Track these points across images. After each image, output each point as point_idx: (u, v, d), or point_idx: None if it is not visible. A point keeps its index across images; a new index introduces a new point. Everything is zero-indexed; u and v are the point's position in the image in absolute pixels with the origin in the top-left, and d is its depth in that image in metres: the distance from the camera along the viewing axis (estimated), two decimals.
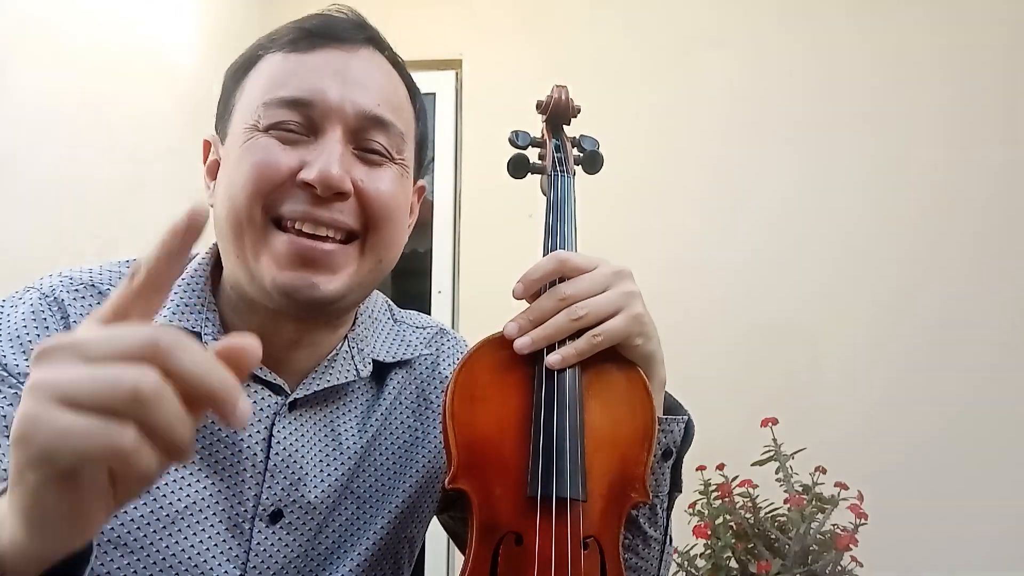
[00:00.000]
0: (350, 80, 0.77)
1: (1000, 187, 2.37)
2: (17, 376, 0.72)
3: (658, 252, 2.35)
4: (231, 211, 0.75)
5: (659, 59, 2.55)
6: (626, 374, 0.78)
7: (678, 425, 0.83)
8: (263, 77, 0.78)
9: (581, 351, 0.76)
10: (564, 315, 0.76)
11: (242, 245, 0.75)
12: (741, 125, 2.49)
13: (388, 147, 0.78)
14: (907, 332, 2.33)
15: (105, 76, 1.90)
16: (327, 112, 0.75)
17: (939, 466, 2.22)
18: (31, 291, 0.78)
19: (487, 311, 2.46)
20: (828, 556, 1.63)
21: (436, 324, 0.99)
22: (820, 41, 2.50)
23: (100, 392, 0.38)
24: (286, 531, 0.79)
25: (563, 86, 0.97)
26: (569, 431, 0.73)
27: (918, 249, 2.38)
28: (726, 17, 2.55)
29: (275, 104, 0.75)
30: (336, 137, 0.75)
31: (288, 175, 0.74)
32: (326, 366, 0.83)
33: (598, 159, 0.95)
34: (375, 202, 0.77)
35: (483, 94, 2.59)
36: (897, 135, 2.43)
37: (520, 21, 2.64)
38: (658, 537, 0.85)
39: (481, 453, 0.74)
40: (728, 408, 2.15)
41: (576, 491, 0.72)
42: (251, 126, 0.75)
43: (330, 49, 0.78)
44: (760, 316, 2.37)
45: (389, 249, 0.80)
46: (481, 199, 2.54)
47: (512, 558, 0.71)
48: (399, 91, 0.82)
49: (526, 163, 0.93)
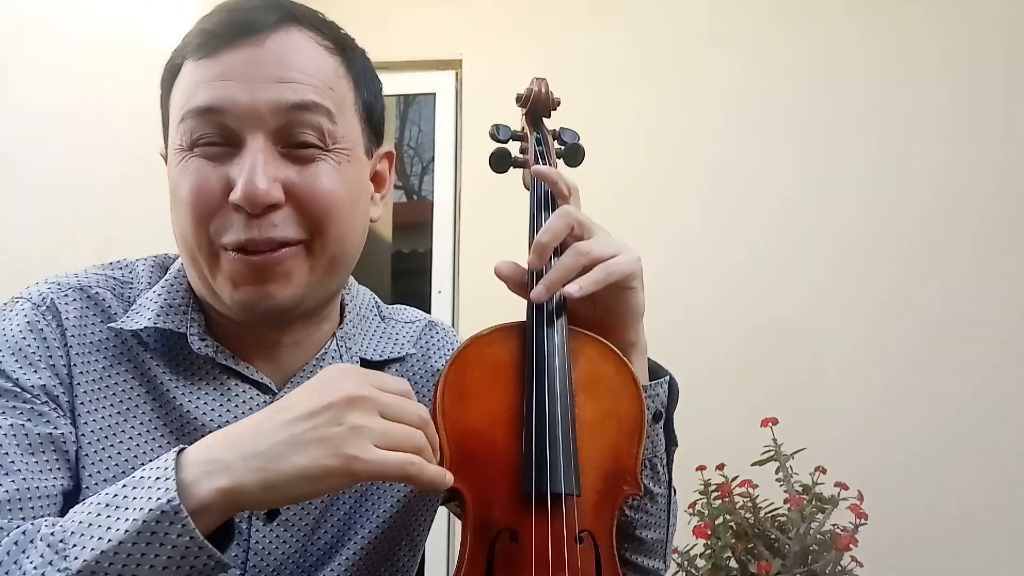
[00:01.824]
0: (260, 76, 0.72)
1: (1000, 186, 2.37)
2: (30, 390, 0.71)
3: (658, 251, 2.35)
4: (182, 238, 0.75)
5: (659, 59, 2.55)
6: (613, 366, 0.79)
7: (662, 387, 0.85)
8: (180, 90, 0.75)
9: (597, 280, 0.77)
10: (570, 252, 0.78)
11: (199, 267, 0.75)
12: (741, 124, 2.49)
13: (319, 136, 0.74)
14: (907, 332, 2.33)
15: (105, 76, 1.90)
16: (241, 118, 0.72)
17: (939, 466, 2.22)
18: (20, 301, 0.77)
19: (487, 311, 2.45)
20: (828, 556, 1.63)
21: (424, 317, 0.98)
22: (820, 40, 2.50)
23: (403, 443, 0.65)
24: (283, 528, 0.79)
25: (542, 78, 0.96)
26: (561, 425, 0.73)
27: (918, 248, 2.37)
28: (726, 16, 2.54)
29: (189, 116, 0.73)
30: (257, 145, 0.71)
31: (221, 197, 0.72)
32: (314, 365, 0.83)
33: (579, 151, 0.94)
34: (312, 202, 0.74)
35: (483, 94, 2.59)
36: (897, 134, 2.43)
37: (520, 21, 2.64)
38: (663, 492, 0.87)
39: (473, 450, 0.74)
40: (728, 408, 2.15)
41: (570, 486, 0.72)
42: (179, 146, 0.74)
43: (236, 47, 0.73)
44: (760, 316, 2.37)
45: (341, 244, 0.77)
46: (481, 199, 2.54)
47: (507, 555, 0.71)
48: (324, 66, 0.76)
49: (508, 157, 0.93)
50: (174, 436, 0.76)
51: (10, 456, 0.68)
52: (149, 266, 0.84)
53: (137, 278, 0.83)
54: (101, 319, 0.78)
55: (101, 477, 0.73)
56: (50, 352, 0.74)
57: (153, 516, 0.57)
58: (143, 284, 0.82)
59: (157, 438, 0.76)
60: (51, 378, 0.73)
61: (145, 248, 0.89)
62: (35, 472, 0.69)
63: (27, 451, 0.69)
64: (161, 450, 0.75)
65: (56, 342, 0.75)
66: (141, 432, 0.76)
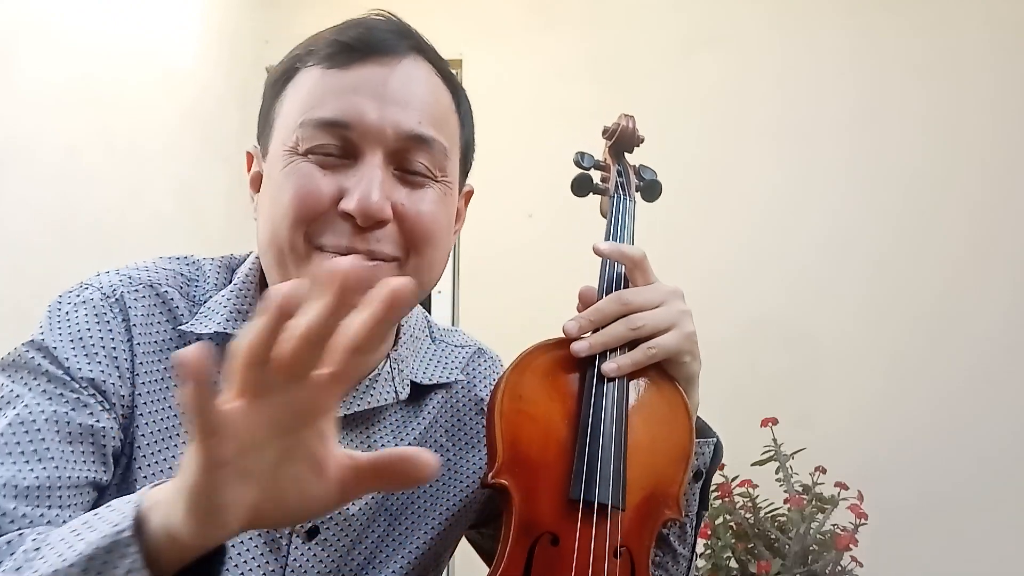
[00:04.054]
0: (389, 98, 0.74)
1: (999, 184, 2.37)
2: (80, 381, 0.71)
3: (657, 250, 2.35)
4: (273, 237, 0.75)
5: (659, 59, 2.55)
6: (668, 394, 0.81)
7: (708, 447, 0.86)
8: (301, 94, 0.76)
9: (637, 361, 0.78)
10: (623, 324, 0.78)
11: (285, 270, 0.75)
12: (740, 123, 2.49)
13: (430, 166, 0.76)
14: (908, 332, 2.33)
15: (105, 76, 1.90)
16: (366, 134, 0.73)
17: (939, 466, 2.22)
18: (90, 289, 0.77)
19: (487, 311, 2.47)
20: (828, 556, 1.64)
21: (474, 343, 0.98)
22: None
23: None
24: (321, 547, 0.79)
25: (630, 115, 1.00)
26: (614, 440, 0.76)
27: (919, 248, 2.37)
28: (724, 17, 2.55)
29: (312, 125, 0.73)
30: (376, 161, 0.73)
31: (329, 204, 0.73)
32: (367, 386, 0.82)
33: (657, 188, 0.99)
34: (417, 226, 0.75)
35: (483, 94, 2.57)
36: (897, 133, 2.43)
37: (520, 21, 2.64)
38: (686, 554, 0.88)
39: (526, 451, 0.76)
40: (728, 408, 2.15)
41: (616, 499, 0.74)
42: (290, 148, 0.74)
43: (369, 64, 0.75)
44: (760, 315, 2.37)
45: (430, 271, 0.79)
46: (481, 199, 2.53)
47: (547, 558, 0.73)
48: (442, 101, 0.79)
49: (589, 183, 0.96)
50: None
51: (47, 443, 0.68)
52: (216, 266, 0.84)
53: (204, 277, 0.82)
54: (168, 319, 0.78)
55: (155, 478, 0.72)
56: (114, 345, 0.74)
57: (106, 542, 0.53)
58: (210, 284, 0.82)
59: None
60: (108, 371, 0.73)
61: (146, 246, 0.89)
62: (69, 461, 0.69)
63: (65, 440, 0.69)
64: None
65: (121, 336, 0.74)
66: None
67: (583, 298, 0.82)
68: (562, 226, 1.75)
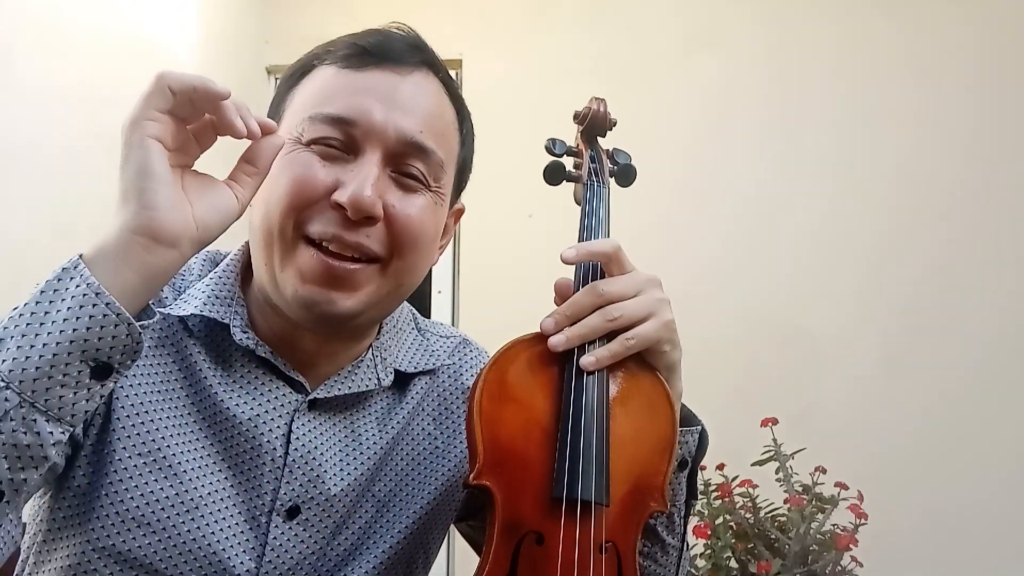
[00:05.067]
0: (397, 104, 0.77)
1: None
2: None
3: (656, 248, 2.35)
4: (265, 220, 0.77)
5: (659, 59, 2.55)
6: (649, 384, 0.80)
7: (692, 436, 0.85)
8: (313, 89, 0.79)
9: (615, 353, 0.77)
10: (599, 315, 0.77)
11: (271, 254, 0.77)
12: (738, 122, 2.49)
13: (426, 174, 0.79)
14: (909, 333, 2.33)
15: (105, 76, 1.90)
16: (369, 133, 0.76)
17: (939, 466, 2.22)
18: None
19: (487, 311, 2.47)
20: (828, 556, 1.63)
21: (459, 335, 1.00)
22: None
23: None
24: (303, 527, 0.80)
25: (601, 98, 0.98)
26: (596, 435, 0.74)
27: (919, 248, 2.38)
28: (723, 18, 2.55)
29: (319, 119, 0.77)
30: (374, 159, 0.76)
31: (323, 193, 0.75)
32: (349, 371, 0.84)
33: (631, 172, 0.96)
34: (404, 229, 0.78)
35: (483, 94, 2.58)
36: (892, 129, 2.43)
37: (520, 21, 2.64)
38: (675, 544, 0.87)
39: (508, 451, 0.75)
40: (728, 408, 2.15)
41: (600, 495, 0.73)
42: (295, 138, 0.77)
43: (382, 70, 0.78)
44: (760, 315, 2.37)
45: (411, 274, 0.81)
46: (481, 199, 2.53)
47: (532, 558, 0.72)
48: (446, 116, 0.83)
49: (562, 171, 0.94)
50: (205, 422, 0.78)
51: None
52: (200, 260, 0.87)
53: (188, 269, 0.86)
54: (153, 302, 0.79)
55: (126, 452, 0.75)
56: None
57: (55, 275, 0.63)
58: (193, 275, 0.85)
59: (189, 423, 0.78)
60: None
61: None
62: None
63: None
64: (191, 434, 0.78)
65: None
66: (172, 415, 0.78)
67: (559, 291, 0.81)
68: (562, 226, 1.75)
